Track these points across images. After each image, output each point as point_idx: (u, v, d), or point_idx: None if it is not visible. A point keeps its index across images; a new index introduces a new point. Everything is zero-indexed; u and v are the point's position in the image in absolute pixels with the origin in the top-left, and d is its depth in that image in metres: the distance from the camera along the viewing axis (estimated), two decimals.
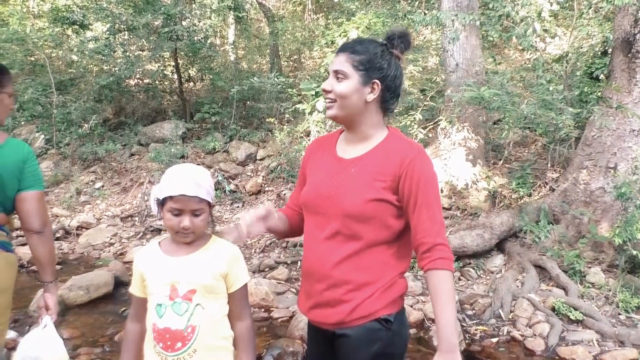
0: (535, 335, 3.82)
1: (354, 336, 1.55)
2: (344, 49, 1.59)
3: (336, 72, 1.55)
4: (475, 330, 3.96)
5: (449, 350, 1.44)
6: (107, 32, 9.08)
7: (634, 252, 4.11)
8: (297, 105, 6.69)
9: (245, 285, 1.67)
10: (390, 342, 1.56)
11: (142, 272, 1.61)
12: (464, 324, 4.02)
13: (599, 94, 4.98)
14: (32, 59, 10.24)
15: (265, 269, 5.11)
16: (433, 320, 4.03)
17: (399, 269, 1.60)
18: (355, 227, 1.53)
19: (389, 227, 1.54)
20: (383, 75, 1.56)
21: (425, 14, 6.34)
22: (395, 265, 1.59)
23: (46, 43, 10.11)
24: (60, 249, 5.91)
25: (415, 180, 1.50)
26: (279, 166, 7.12)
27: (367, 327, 1.54)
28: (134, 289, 1.67)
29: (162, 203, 1.56)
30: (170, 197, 1.51)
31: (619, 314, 4.09)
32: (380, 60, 1.56)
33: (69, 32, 10.11)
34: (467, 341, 3.78)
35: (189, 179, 1.52)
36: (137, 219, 6.76)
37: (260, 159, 7.80)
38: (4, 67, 2.11)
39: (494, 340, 3.81)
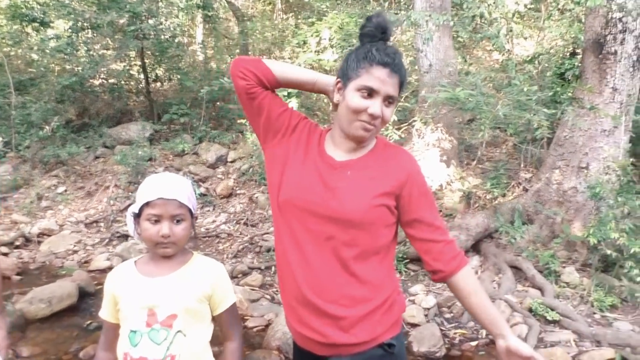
0: None
1: None
2: (397, 68, 1.40)
3: (390, 97, 1.40)
4: (454, 334, 3.91)
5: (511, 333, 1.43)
6: (70, 30, 8.72)
7: (608, 252, 4.14)
8: None
9: (234, 304, 1.54)
10: None
11: (114, 294, 1.46)
12: (442, 328, 3.98)
13: (571, 94, 5.03)
14: None
15: (239, 275, 4.95)
16: (412, 325, 3.98)
17: (395, 284, 1.51)
18: (351, 233, 1.41)
19: (383, 235, 1.46)
20: None
21: (396, 14, 6.29)
22: (390, 279, 1.50)
23: (4, 41, 9.66)
24: (20, 258, 5.59)
25: (423, 186, 1.50)
26: (251, 168, 6.97)
27: (369, 354, 1.42)
28: (104, 314, 1.51)
29: (138, 215, 1.43)
30: (147, 204, 1.40)
31: (594, 313, 4.12)
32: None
33: (29, 29, 9.68)
34: (446, 346, 3.73)
35: (167, 183, 1.43)
36: (102, 224, 6.49)
37: (232, 161, 7.62)
38: None
39: (474, 343, 3.77)
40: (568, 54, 6.23)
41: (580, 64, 5.18)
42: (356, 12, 7.25)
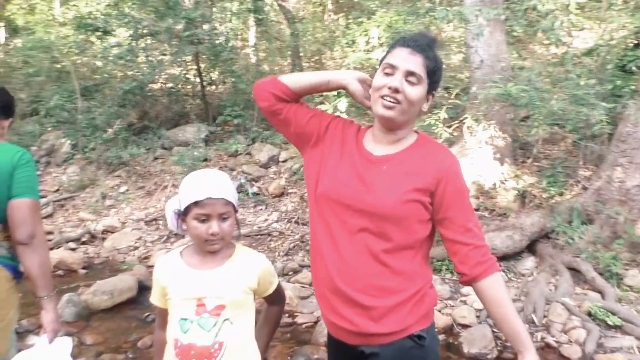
0: (571, 341, 3.66)
1: (385, 355, 1.45)
2: (418, 49, 1.44)
3: (412, 73, 1.42)
4: None
5: (534, 351, 1.44)
6: (130, 38, 9.16)
7: None
8: (319, 106, 6.61)
9: (278, 285, 1.65)
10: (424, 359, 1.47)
11: (163, 285, 1.53)
12: (495, 330, 3.87)
13: (633, 87, 4.77)
14: (58, 66, 10.40)
15: (289, 273, 5.04)
16: (463, 326, 3.91)
17: (427, 277, 1.52)
18: (385, 227, 1.43)
19: (417, 231, 1.46)
20: (437, 89, 1.54)
21: (447, 10, 6.18)
22: (423, 273, 1.50)
23: (71, 50, 10.27)
24: (86, 253, 5.95)
25: (459, 185, 1.48)
26: (302, 168, 7.06)
27: (398, 344, 1.44)
28: (155, 300, 1.59)
29: (184, 213, 1.49)
30: (195, 203, 1.44)
31: None
32: (441, 72, 1.52)
33: (93, 38, 10.24)
34: (498, 348, 3.64)
35: (213, 182, 1.47)
36: (161, 222, 6.77)
37: (283, 161, 7.74)
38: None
39: None
40: (631, 45, 5.90)
41: None
42: (405, 9, 7.17)
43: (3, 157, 1.91)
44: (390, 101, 1.43)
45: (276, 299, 1.67)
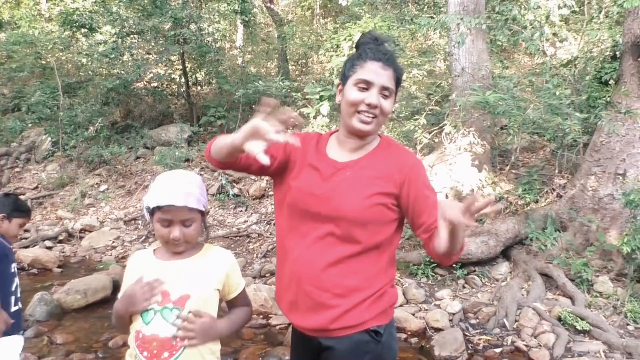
0: (540, 345, 3.71)
1: (340, 348, 1.49)
2: (389, 63, 1.50)
3: (386, 88, 1.49)
4: (479, 340, 3.86)
5: None
6: (116, 36, 9.12)
7: None
8: (302, 109, 6.63)
9: (244, 289, 1.64)
10: (379, 356, 1.50)
11: (132, 281, 1.52)
12: (467, 334, 3.93)
13: (608, 98, 4.87)
14: (42, 62, 10.31)
15: (266, 274, 5.04)
16: (436, 329, 3.95)
17: (389, 277, 1.55)
18: (351, 230, 1.46)
19: (382, 232, 1.50)
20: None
21: (432, 17, 6.26)
22: (386, 272, 1.54)
23: (56, 46, 10.18)
24: (63, 252, 5.90)
25: (421, 183, 1.50)
26: None
27: (354, 338, 1.48)
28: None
29: (151, 213, 1.49)
30: (159, 208, 1.44)
31: (628, 324, 3.97)
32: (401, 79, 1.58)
33: (78, 35, 10.17)
34: (469, 351, 3.68)
35: (177, 188, 1.45)
36: (140, 222, 6.75)
37: None
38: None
39: (498, 350, 3.71)
40: (609, 57, 6.02)
41: (618, 68, 5.01)
42: (390, 15, 7.25)
43: None
44: (367, 116, 1.49)
45: (242, 301, 1.65)
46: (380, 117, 1.51)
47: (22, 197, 6.92)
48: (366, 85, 1.47)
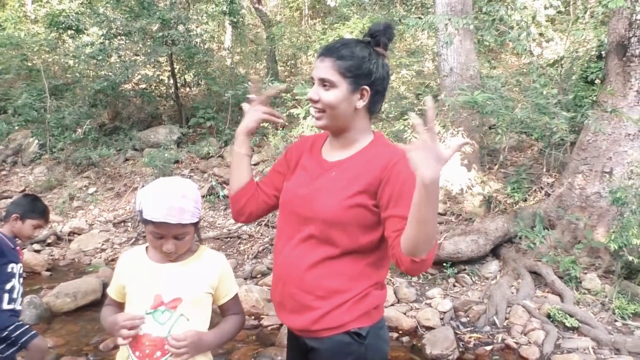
0: (530, 342, 3.76)
1: (322, 349, 1.49)
2: (328, 53, 1.47)
3: (322, 80, 1.45)
4: (469, 338, 3.89)
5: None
6: (103, 37, 9.04)
7: (630, 258, 4.05)
8: (292, 110, 6.64)
9: (237, 295, 1.64)
10: (362, 356, 1.48)
11: (123, 283, 1.53)
12: (457, 332, 3.96)
13: (594, 98, 4.94)
14: (29, 63, 10.20)
15: (257, 275, 5.04)
16: (427, 328, 3.97)
17: (374, 279, 1.51)
18: (329, 233, 1.45)
19: (365, 237, 1.46)
20: (372, 80, 1.48)
21: (420, 18, 6.30)
22: (370, 275, 1.51)
23: (42, 48, 10.08)
24: (51, 255, 5.84)
25: (401, 181, 1.39)
26: None
27: (336, 339, 1.47)
28: (111, 291, 1.60)
29: (144, 221, 1.46)
30: (152, 221, 1.42)
31: (615, 320, 4.02)
32: (368, 64, 1.46)
33: (65, 37, 10.08)
34: (460, 349, 3.71)
35: (171, 204, 1.41)
36: (129, 224, 6.70)
37: (255, 164, 7.73)
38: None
39: (488, 348, 3.74)
40: (595, 57, 6.11)
41: (604, 67, 5.08)
42: (379, 16, 7.27)
43: None
44: (315, 112, 1.50)
45: (234, 308, 1.64)
46: (330, 111, 1.46)
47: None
48: (313, 82, 1.49)
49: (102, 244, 6.15)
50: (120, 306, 1.56)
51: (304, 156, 1.63)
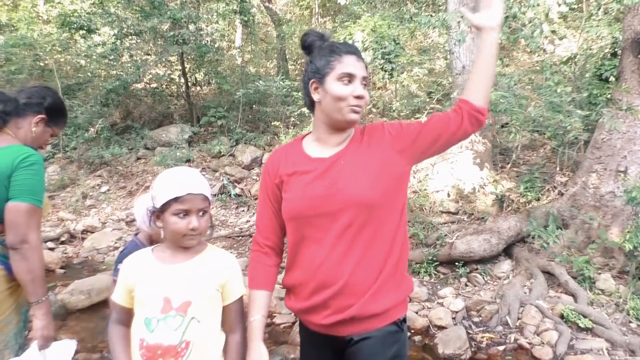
0: (543, 343, 3.73)
1: (370, 342, 1.53)
2: (359, 54, 1.57)
3: (365, 78, 1.55)
4: (482, 337, 3.87)
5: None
6: (114, 37, 9.11)
7: None
8: (303, 109, 6.64)
9: (241, 298, 1.60)
10: (403, 344, 1.57)
11: (131, 285, 1.50)
12: (470, 331, 3.94)
13: (609, 96, 4.88)
14: (41, 64, 10.29)
15: None
16: (439, 327, 3.96)
17: (404, 258, 1.60)
18: (367, 212, 1.49)
19: (400, 193, 1.56)
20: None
21: (431, 16, 6.26)
22: (402, 252, 1.58)
23: (54, 48, 10.17)
24: (65, 253, 5.90)
25: (396, 127, 1.58)
26: None
27: (385, 331, 1.53)
28: (117, 298, 1.54)
29: (161, 210, 1.48)
30: (175, 199, 1.45)
31: (630, 321, 3.98)
32: None
33: (77, 37, 10.16)
34: (472, 349, 3.69)
35: (191, 178, 1.49)
36: None
37: (263, 164, 7.76)
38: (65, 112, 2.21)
39: (501, 348, 3.72)
40: (609, 54, 6.03)
41: (619, 65, 5.02)
42: (390, 14, 7.25)
43: (5, 159, 1.84)
44: (358, 108, 1.53)
45: (235, 315, 1.60)
46: (364, 107, 1.58)
47: None
48: (350, 79, 1.51)
49: (115, 242, 6.20)
50: (128, 312, 1.53)
51: (288, 166, 1.61)
